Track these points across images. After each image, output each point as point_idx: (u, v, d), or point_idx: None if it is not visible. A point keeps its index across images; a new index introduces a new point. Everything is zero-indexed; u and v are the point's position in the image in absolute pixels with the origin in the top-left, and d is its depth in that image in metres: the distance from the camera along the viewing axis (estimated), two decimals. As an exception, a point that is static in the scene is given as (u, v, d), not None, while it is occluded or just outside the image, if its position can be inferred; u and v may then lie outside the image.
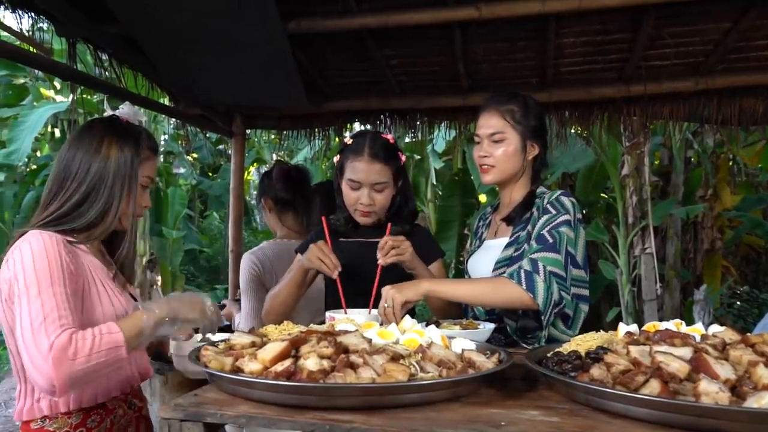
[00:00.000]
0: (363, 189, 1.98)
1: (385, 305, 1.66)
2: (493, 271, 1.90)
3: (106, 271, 1.52)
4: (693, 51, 3.17)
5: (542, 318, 1.71)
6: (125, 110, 1.59)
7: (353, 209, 2.04)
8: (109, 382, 1.48)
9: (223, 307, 2.91)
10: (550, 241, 1.76)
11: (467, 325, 1.73)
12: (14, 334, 1.32)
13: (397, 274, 1.92)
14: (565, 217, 1.81)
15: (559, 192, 1.90)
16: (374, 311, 1.74)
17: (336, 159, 2.09)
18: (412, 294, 1.68)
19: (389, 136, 2.07)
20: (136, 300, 1.62)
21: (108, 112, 1.62)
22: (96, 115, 8.51)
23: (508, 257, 1.89)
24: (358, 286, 1.97)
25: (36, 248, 1.33)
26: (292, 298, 2.05)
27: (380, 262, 1.83)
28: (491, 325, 1.73)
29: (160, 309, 1.34)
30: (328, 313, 1.78)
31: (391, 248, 1.83)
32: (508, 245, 1.91)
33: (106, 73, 3.29)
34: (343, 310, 1.81)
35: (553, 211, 1.83)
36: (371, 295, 1.86)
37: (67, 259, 1.36)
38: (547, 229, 1.79)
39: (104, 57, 3.23)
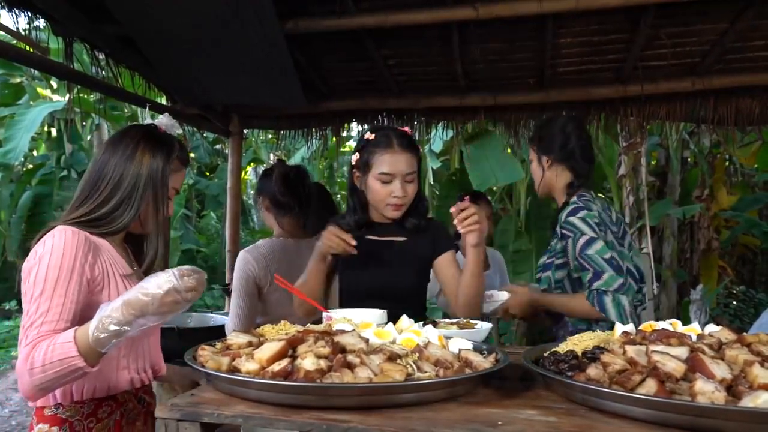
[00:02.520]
0: (395, 181, 1.95)
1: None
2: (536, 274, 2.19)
3: (127, 269, 1.55)
4: (690, 51, 3.18)
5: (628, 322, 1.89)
6: (163, 120, 1.62)
7: (383, 204, 2.00)
8: (120, 376, 1.52)
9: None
10: (589, 268, 2.01)
11: (465, 324, 1.73)
12: None
13: (414, 257, 2.02)
14: (583, 239, 2.03)
15: (567, 211, 2.10)
16: (377, 311, 1.73)
17: (355, 157, 2.05)
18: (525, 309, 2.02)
19: (407, 129, 2.05)
20: None
21: (147, 121, 1.65)
22: (92, 115, 8.51)
23: (542, 264, 2.27)
24: (369, 285, 1.98)
25: (57, 244, 1.38)
26: (318, 287, 2.01)
27: (461, 230, 1.79)
28: (489, 325, 1.73)
29: (119, 315, 1.24)
30: (325, 313, 1.78)
31: (468, 216, 1.77)
32: (544, 252, 2.28)
33: (103, 72, 3.28)
34: (342, 310, 1.80)
35: (570, 235, 2.07)
36: (381, 292, 1.90)
37: (85, 255, 1.41)
38: (578, 256, 2.04)
39: (101, 56, 3.22)
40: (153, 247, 1.58)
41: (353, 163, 2.06)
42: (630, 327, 1.37)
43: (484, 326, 1.71)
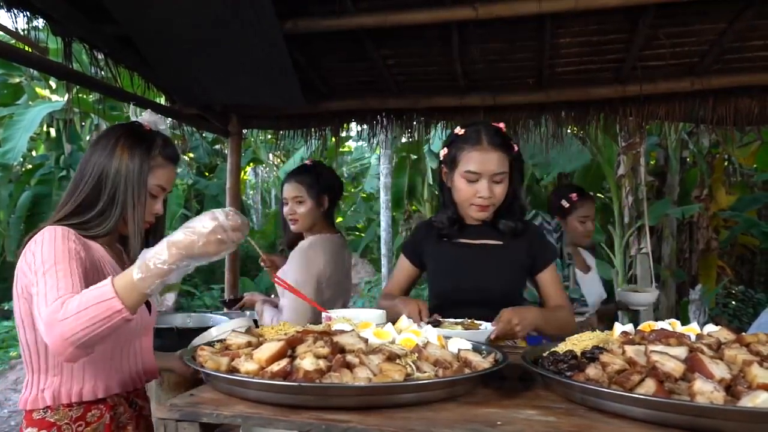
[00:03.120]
0: (482, 181, 1.86)
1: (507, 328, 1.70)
2: None
3: (117, 268, 1.52)
4: (689, 51, 3.18)
5: None
6: (146, 117, 1.59)
7: (468, 204, 1.91)
8: (110, 377, 1.50)
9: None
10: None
11: (469, 325, 1.72)
12: (30, 321, 1.39)
13: (509, 262, 1.97)
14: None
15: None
16: (376, 311, 1.73)
17: (443, 152, 1.98)
18: (529, 330, 1.79)
19: (501, 125, 1.95)
20: (149, 305, 1.62)
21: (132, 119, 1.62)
22: (91, 115, 8.50)
23: None
24: (460, 291, 1.92)
25: (48, 237, 1.38)
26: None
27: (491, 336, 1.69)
28: (492, 327, 1.71)
29: (165, 255, 1.20)
30: (324, 313, 1.77)
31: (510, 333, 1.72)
32: None
33: (102, 72, 3.28)
34: (341, 311, 1.79)
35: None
36: (473, 298, 1.87)
37: (77, 248, 1.39)
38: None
39: (100, 56, 3.22)
40: (133, 248, 1.51)
41: (441, 158, 1.99)
42: (629, 327, 1.37)
43: (488, 328, 1.69)
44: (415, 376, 1.12)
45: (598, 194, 7.80)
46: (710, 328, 1.31)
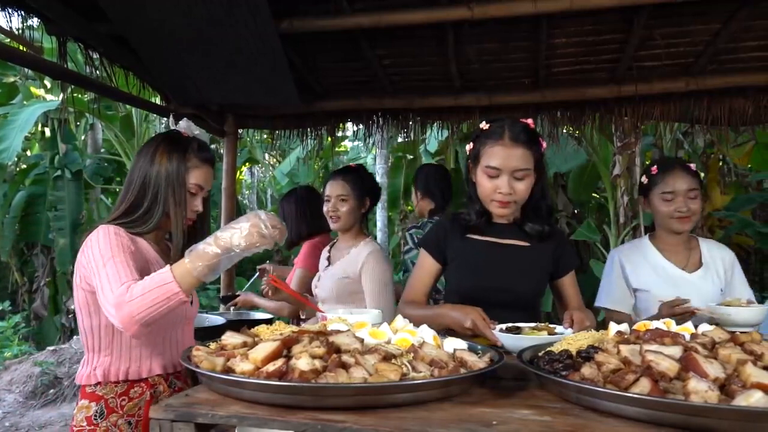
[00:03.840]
0: (502, 176, 1.83)
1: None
2: None
3: (161, 261, 1.71)
4: (683, 52, 3.19)
5: None
6: (182, 125, 1.79)
7: (489, 200, 1.89)
8: (153, 360, 1.69)
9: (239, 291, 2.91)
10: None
11: (544, 328, 1.67)
12: (87, 308, 1.63)
13: (534, 265, 1.95)
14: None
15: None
16: (372, 311, 1.72)
17: (468, 147, 1.97)
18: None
19: (529, 121, 1.92)
20: (192, 299, 1.78)
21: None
22: (86, 114, 8.47)
23: None
24: (482, 290, 1.89)
25: (102, 234, 1.60)
26: None
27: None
28: (569, 331, 1.63)
29: (213, 246, 1.43)
30: (320, 313, 1.77)
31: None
32: None
33: (97, 71, 3.26)
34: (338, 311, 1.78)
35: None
36: (494, 298, 1.84)
37: (128, 243, 1.61)
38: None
39: (95, 56, 3.20)
40: (176, 241, 1.70)
41: (467, 153, 1.98)
42: (624, 327, 1.38)
43: (565, 332, 1.61)
44: (410, 375, 1.12)
45: (594, 194, 7.82)
46: (705, 327, 1.32)
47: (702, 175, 6.60)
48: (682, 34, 3.03)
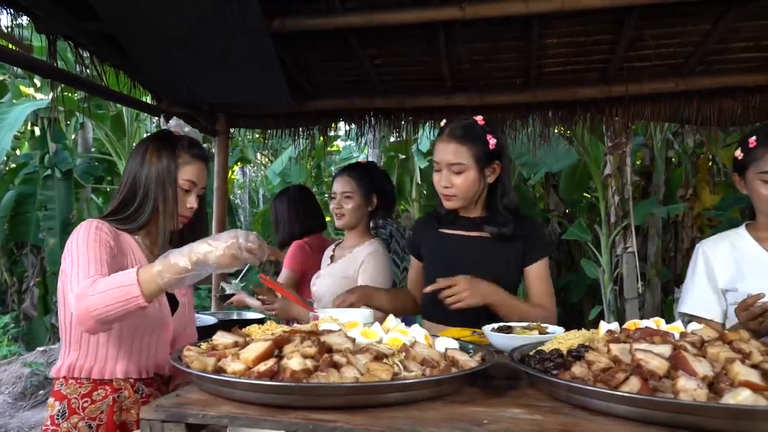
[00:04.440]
0: (443, 171, 1.94)
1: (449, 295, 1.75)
2: None
3: (143, 258, 1.72)
4: (673, 52, 3.21)
5: None
6: (172, 123, 1.81)
7: (439, 193, 2.00)
8: (119, 362, 1.66)
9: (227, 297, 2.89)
10: None
11: (535, 327, 1.67)
12: (64, 300, 1.61)
13: (499, 256, 1.98)
14: None
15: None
16: (366, 310, 1.72)
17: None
18: (479, 301, 1.80)
19: (478, 118, 1.99)
20: (175, 305, 1.81)
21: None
22: (76, 113, 8.41)
23: None
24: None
25: (83, 228, 1.62)
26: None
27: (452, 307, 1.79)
28: (560, 329, 1.63)
29: (185, 258, 1.39)
30: (311, 313, 1.77)
31: (450, 295, 1.79)
32: None
33: (87, 70, 3.24)
34: (332, 310, 1.78)
35: None
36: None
37: (107, 238, 1.61)
38: None
39: (85, 54, 3.18)
40: (159, 241, 1.72)
41: None
42: (614, 325, 1.38)
43: (556, 331, 1.61)
44: (402, 375, 1.12)
45: (585, 194, 7.85)
46: (694, 326, 1.33)
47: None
48: (671, 35, 3.05)
